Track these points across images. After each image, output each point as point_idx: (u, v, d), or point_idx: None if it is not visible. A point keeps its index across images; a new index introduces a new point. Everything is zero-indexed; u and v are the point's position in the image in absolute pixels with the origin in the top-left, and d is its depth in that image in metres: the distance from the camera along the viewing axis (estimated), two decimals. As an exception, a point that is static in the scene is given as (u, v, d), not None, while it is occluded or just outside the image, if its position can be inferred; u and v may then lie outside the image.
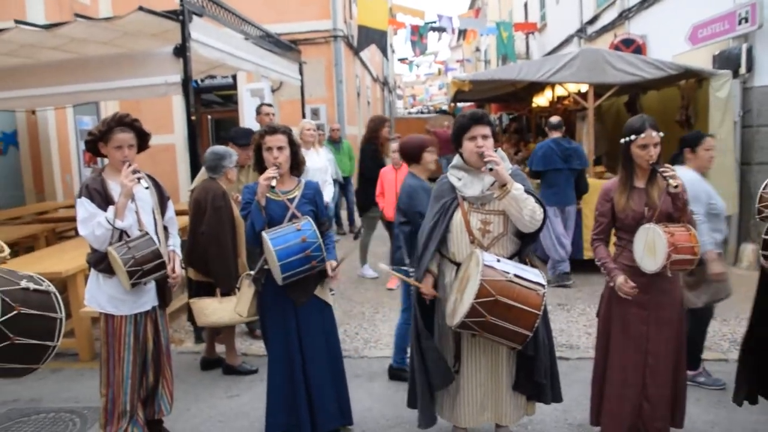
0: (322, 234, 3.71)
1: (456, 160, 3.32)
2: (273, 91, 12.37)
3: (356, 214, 11.65)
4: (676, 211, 3.24)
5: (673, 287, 3.39)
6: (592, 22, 15.08)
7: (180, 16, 5.51)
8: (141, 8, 5.18)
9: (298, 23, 13.68)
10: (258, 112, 6.90)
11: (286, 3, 13.68)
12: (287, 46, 9.92)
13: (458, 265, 3.23)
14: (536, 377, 3.22)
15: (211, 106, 15.54)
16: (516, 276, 2.94)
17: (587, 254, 7.70)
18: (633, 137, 3.33)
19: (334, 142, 11.13)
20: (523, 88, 10.52)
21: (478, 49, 35.76)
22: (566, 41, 17.00)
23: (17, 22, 5.37)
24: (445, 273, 3.30)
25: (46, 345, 2.67)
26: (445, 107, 31.66)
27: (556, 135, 7.39)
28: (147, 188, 3.51)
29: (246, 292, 3.68)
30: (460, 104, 14.64)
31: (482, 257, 2.95)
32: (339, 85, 14.30)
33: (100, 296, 3.53)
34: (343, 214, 11.63)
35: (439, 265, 3.35)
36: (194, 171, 5.56)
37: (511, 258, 3.20)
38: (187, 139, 5.98)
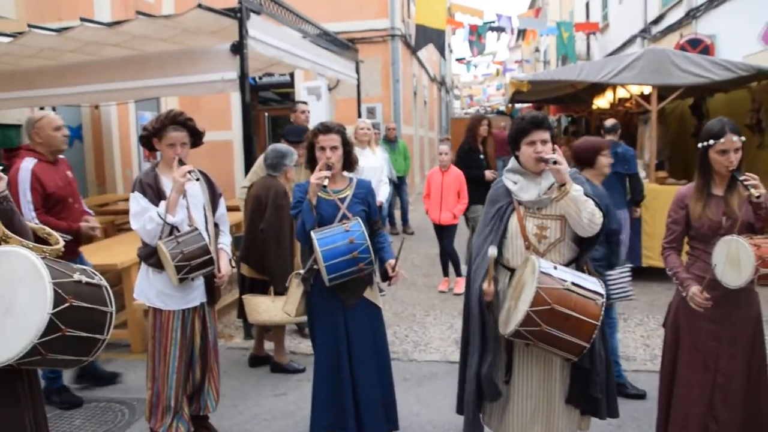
0: (374, 233, 3.66)
1: (512, 163, 3.21)
2: (330, 89, 12.43)
3: (409, 215, 11.61)
4: (758, 222, 3.05)
5: (749, 303, 3.19)
6: (656, 21, 14.65)
7: (238, 14, 5.55)
8: (200, 5, 5.23)
9: (356, 22, 13.69)
10: (293, 110, 6.79)
11: (344, 2, 13.71)
12: (344, 45, 9.92)
13: (512, 271, 3.13)
14: (591, 391, 3.08)
15: (268, 104, 15.70)
16: (574, 284, 2.81)
17: (646, 261, 7.45)
18: (711, 142, 3.13)
19: (390, 142, 11.08)
20: (583, 89, 10.27)
21: (537, 50, 35.24)
22: (629, 42, 16.57)
23: (82, 20, 5.49)
24: (499, 279, 3.20)
25: (96, 338, 2.69)
26: (502, 108, 31.30)
27: (610, 138, 7.18)
28: (198, 180, 3.51)
29: (295, 291, 3.65)
30: (518, 105, 14.40)
31: (538, 264, 2.83)
32: (395, 84, 14.26)
33: (149, 290, 3.56)
34: (397, 213, 11.58)
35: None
36: (248, 167, 5.60)
37: (568, 265, 3.08)
38: (244, 135, 5.99)
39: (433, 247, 8.30)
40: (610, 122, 7.44)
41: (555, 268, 2.88)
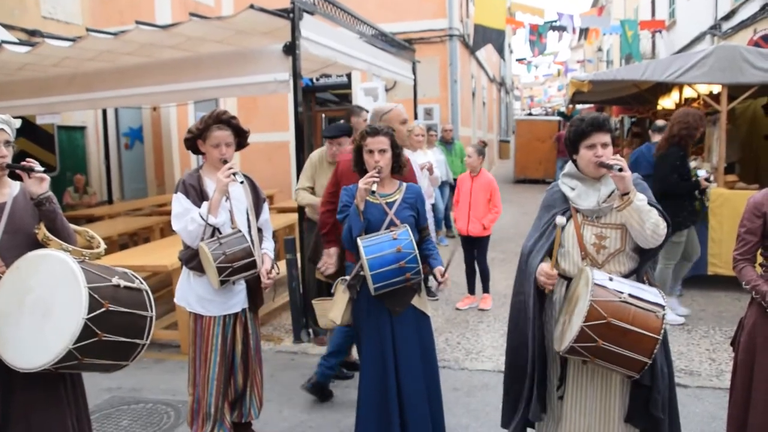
0: (422, 240, 3.53)
1: (569, 167, 3.02)
2: (387, 90, 12.35)
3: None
4: None
5: None
6: (728, 17, 14.02)
7: (290, 14, 5.49)
8: (252, 6, 5.19)
9: (414, 22, 13.56)
10: (356, 114, 6.10)
11: (401, 2, 13.60)
12: (401, 45, 9.80)
13: (569, 280, 2.95)
14: (652, 409, 2.86)
15: (326, 105, 15.74)
16: (631, 296, 2.62)
17: (712, 270, 7.07)
18: None
19: (446, 143, 10.92)
20: (647, 89, 9.87)
21: (600, 49, 34.38)
22: (697, 39, 15.94)
23: (138, 22, 5.54)
24: (555, 289, 3.02)
25: (135, 343, 2.64)
26: (563, 109, 30.66)
27: (657, 139, 6.86)
28: (242, 182, 3.43)
29: (341, 298, 3.54)
30: (578, 106, 14.00)
31: (592, 275, 2.65)
32: (453, 85, 14.06)
33: (190, 295, 3.51)
34: (453, 216, 11.39)
35: None
36: (300, 168, 5.54)
37: (628, 276, 2.88)
38: (296, 136, 5.94)
39: (490, 250, 8.03)
40: (660, 122, 7.13)
41: (611, 279, 2.69)
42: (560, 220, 2.85)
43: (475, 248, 6.69)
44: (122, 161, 12.27)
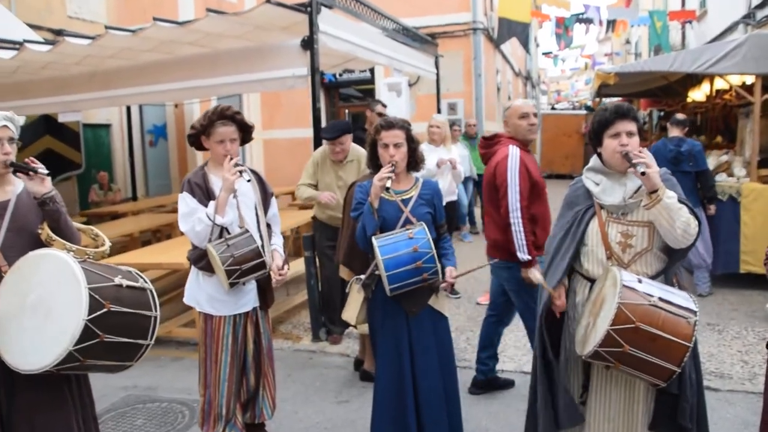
0: (438, 238, 3.42)
1: (594, 161, 2.88)
2: (410, 85, 12.25)
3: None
4: None
5: None
6: (762, 5, 13.59)
7: (308, 8, 5.42)
8: (269, 1, 5.12)
9: (437, 16, 13.40)
10: (371, 108, 6.23)
11: (424, -4, 13.43)
12: (423, 39, 9.68)
13: (592, 282, 2.82)
14: (680, 419, 2.72)
15: (349, 101, 15.66)
16: (661, 300, 2.48)
17: (745, 267, 6.85)
18: None
19: (470, 138, 10.77)
20: (677, 81, 9.61)
21: (628, 42, 33.77)
22: (730, 29, 15.49)
23: (155, 19, 5.50)
24: (577, 290, 2.88)
25: (139, 343, 2.58)
26: (590, 103, 30.21)
27: (675, 133, 6.65)
28: (249, 180, 3.34)
29: (355, 298, 3.45)
30: (605, 99, 13.73)
31: (620, 276, 2.51)
32: (477, 79, 13.87)
33: (200, 295, 3.44)
34: (477, 212, 11.25)
35: (570, 281, 2.94)
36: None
37: (655, 277, 2.74)
38: (314, 132, 5.85)
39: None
40: (679, 116, 6.93)
41: (639, 281, 2.55)
42: (536, 276, 2.74)
43: None
44: (147, 158, 12.33)
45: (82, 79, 6.89)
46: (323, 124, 5.72)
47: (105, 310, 2.39)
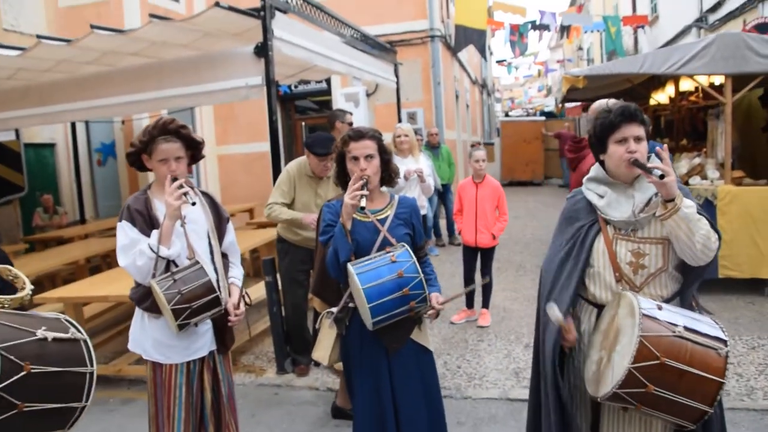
0: (419, 261, 3.03)
1: (595, 170, 2.53)
2: (368, 95, 11.87)
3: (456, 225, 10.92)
4: None
5: None
6: (714, 9, 13.67)
7: (261, 12, 5.00)
8: (218, 4, 4.69)
9: (394, 24, 13.08)
10: (341, 119, 5.57)
11: (380, 3, 13.11)
12: (382, 47, 9.33)
13: (599, 308, 2.45)
14: (705, 461, 2.38)
15: (305, 113, 15.22)
16: (687, 329, 2.13)
17: (723, 272, 6.64)
18: None
19: (433, 148, 10.45)
20: (640, 84, 9.45)
21: (580, 48, 34.12)
22: (683, 33, 15.60)
23: (92, 26, 5.01)
24: (582, 318, 2.52)
25: (71, 407, 2.12)
26: (548, 109, 30.36)
27: None
28: (194, 204, 2.86)
29: (327, 334, 3.03)
30: (567, 104, 13.59)
31: (638, 304, 2.15)
32: (437, 87, 13.58)
33: (146, 340, 2.96)
34: (442, 223, 10.91)
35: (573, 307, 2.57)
36: (276, 179, 5.03)
37: (670, 300, 2.39)
38: (281, 146, 5.42)
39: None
40: None
41: (659, 308, 2.19)
42: (555, 314, 2.35)
43: (479, 259, 6.17)
44: (95, 178, 11.70)
45: (15, 94, 6.32)
46: (280, 137, 5.27)
47: (23, 373, 1.93)
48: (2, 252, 2.96)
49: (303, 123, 14.77)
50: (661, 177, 2.17)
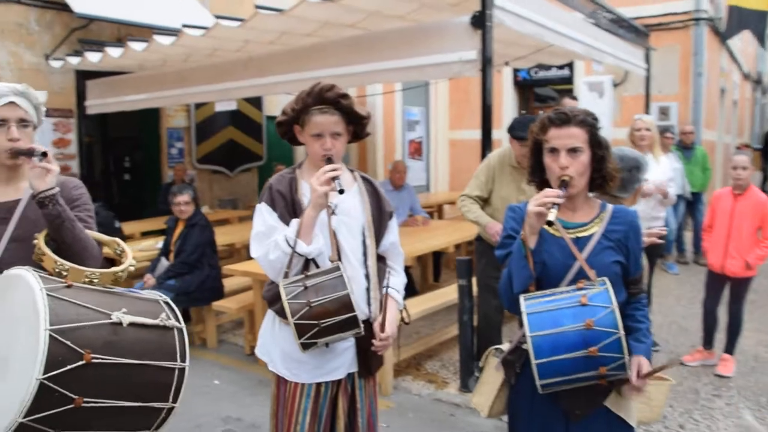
0: (629, 302, 2.18)
1: None
2: (615, 85, 10.63)
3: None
4: None
5: None
6: None
7: (482, -23, 4.33)
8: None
9: (649, 6, 11.53)
10: (559, 104, 4.93)
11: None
12: (631, 27, 8.10)
13: None
14: None
15: (546, 102, 14.28)
16: None
17: None
18: None
19: (685, 149, 9.03)
20: None
21: None
22: None
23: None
24: None
25: (153, 407, 1.70)
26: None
27: None
28: (341, 192, 2.24)
29: (492, 376, 2.30)
30: None
31: None
32: (697, 79, 11.77)
33: (273, 349, 2.45)
34: (688, 236, 9.36)
35: None
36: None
37: None
38: (483, 130, 4.74)
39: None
40: None
41: None
42: None
43: (727, 290, 4.97)
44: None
45: (237, 66, 6.40)
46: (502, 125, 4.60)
47: (81, 362, 1.54)
48: (113, 218, 2.68)
49: (541, 112, 13.85)
50: None
